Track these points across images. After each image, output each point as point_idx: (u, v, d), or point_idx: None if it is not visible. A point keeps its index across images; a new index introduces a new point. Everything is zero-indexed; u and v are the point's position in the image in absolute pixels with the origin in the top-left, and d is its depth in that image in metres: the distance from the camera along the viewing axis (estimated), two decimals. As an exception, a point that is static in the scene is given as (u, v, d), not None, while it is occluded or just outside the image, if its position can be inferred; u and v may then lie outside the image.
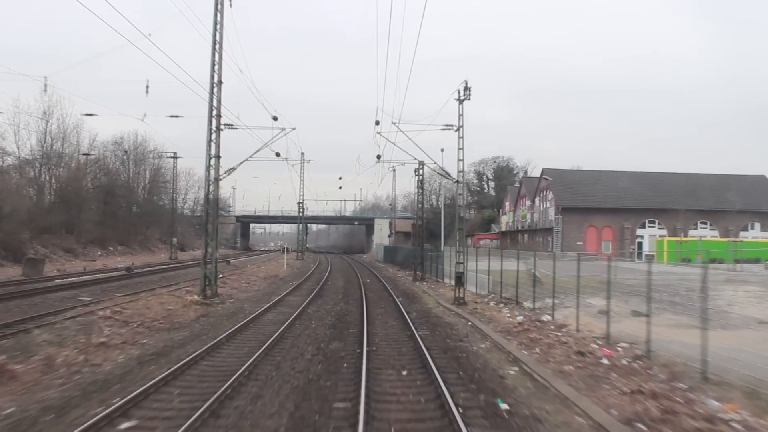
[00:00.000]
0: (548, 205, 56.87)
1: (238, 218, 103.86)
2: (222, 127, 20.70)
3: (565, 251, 48.69)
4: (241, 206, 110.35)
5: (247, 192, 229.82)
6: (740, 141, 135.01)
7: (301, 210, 63.86)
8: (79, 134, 56.09)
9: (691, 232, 51.81)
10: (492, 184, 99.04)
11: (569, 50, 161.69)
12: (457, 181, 20.85)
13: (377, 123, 21.81)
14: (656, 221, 54.51)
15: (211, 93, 20.37)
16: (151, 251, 67.05)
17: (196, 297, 19.92)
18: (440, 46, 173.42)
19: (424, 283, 30.60)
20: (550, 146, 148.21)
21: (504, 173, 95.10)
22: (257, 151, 22.05)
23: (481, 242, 73.42)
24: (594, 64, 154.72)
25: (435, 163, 21.74)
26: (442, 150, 44.95)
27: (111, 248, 57.32)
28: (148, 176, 72.87)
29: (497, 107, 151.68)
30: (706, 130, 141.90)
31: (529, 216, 63.44)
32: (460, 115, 20.80)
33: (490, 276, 23.40)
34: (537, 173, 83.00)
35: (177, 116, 22.30)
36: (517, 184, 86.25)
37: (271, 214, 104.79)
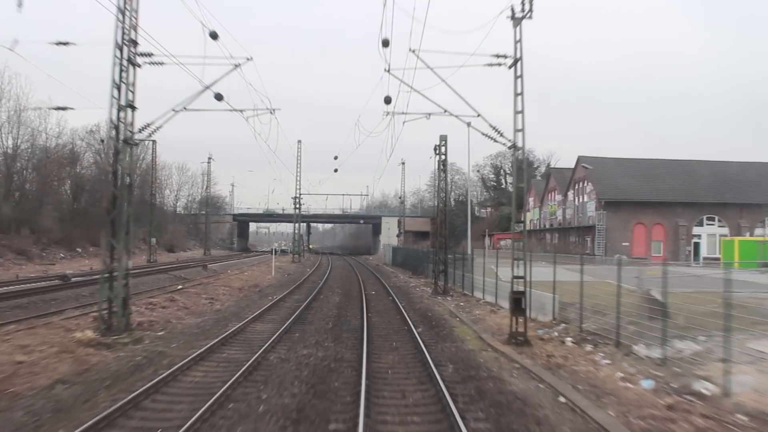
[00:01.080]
0: (586, 198, 48.68)
1: (235, 217, 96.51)
2: (138, 61, 13.06)
3: (608, 254, 40.79)
4: (243, 206, 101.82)
5: (248, 190, 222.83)
6: (740, 137, 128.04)
7: (296, 205, 55.98)
8: (46, 120, 49.03)
9: (758, 231, 43.72)
10: (510, 179, 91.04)
11: (573, 50, 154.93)
12: (514, 146, 13.12)
13: (385, 44, 13.70)
14: (716, 218, 46.20)
15: (123, 6, 12.74)
16: (132, 252, 59.60)
17: (90, 334, 12.30)
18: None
19: (449, 299, 22.85)
20: (553, 146, 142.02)
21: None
22: (196, 96, 14.00)
23: (501, 243, 65.55)
24: (599, 63, 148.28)
25: (477, 115, 13.81)
26: (469, 124, 37.17)
27: (79, 250, 49.95)
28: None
29: (505, 106, 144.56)
30: (707, 127, 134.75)
31: (560, 212, 55.29)
32: (517, 42, 13.06)
33: (556, 294, 15.63)
34: (562, 166, 75.42)
35: (65, 43, 14.64)
36: (540, 177, 78.35)
37: (270, 212, 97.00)
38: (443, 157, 23.89)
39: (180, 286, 24.47)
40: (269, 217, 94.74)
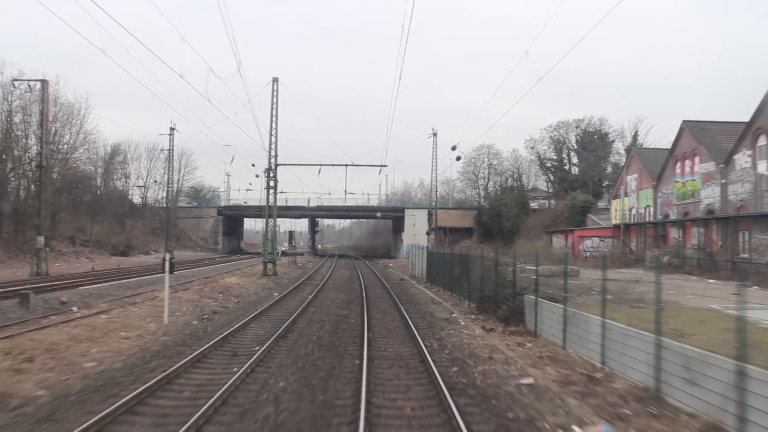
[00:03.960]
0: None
1: (220, 210, 77.06)
2: None
3: None
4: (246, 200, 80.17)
5: (244, 181, 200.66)
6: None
7: (270, 182, 34.96)
8: None
9: None
10: (575, 157, 69.33)
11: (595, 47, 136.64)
12: None
13: None
14: None
15: None
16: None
17: None
18: (468, 44, 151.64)
19: None
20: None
21: (595, 142, 65.11)
22: None
23: (586, 243, 44.59)
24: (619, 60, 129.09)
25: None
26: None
27: None
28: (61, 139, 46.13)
29: (524, 106, 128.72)
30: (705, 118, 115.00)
31: (709, 191, 33.56)
32: None
33: None
34: (655, 134, 54.72)
35: None
36: (628, 148, 56.84)
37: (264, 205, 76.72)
38: None
39: None
40: (256, 209, 74.53)
